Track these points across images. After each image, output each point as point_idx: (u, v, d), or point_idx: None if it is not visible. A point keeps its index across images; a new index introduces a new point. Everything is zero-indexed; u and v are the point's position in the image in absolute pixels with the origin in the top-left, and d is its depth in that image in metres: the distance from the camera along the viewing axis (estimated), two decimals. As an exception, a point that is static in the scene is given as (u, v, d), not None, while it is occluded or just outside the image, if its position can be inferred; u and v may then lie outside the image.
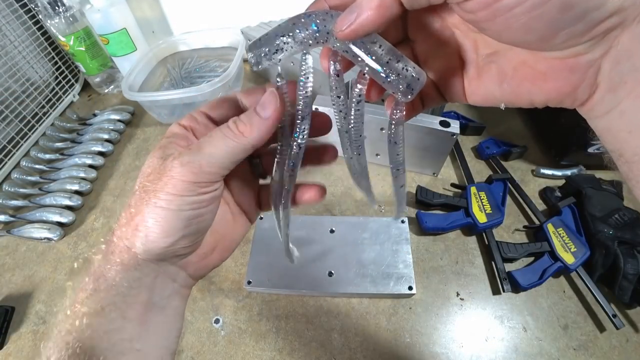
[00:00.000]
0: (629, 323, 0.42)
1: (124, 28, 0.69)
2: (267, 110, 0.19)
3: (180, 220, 0.18)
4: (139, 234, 0.18)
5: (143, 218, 0.18)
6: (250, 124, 0.19)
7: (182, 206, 0.18)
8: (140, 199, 0.18)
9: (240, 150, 0.19)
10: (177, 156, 0.18)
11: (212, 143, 0.18)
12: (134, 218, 0.18)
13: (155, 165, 0.19)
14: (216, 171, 0.18)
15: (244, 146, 0.19)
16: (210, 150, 0.18)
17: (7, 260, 0.50)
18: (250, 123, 0.19)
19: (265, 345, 0.41)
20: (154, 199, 0.18)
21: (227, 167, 0.19)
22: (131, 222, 0.18)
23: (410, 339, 0.41)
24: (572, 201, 0.50)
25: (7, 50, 0.62)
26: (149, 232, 0.18)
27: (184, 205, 0.18)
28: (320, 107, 0.53)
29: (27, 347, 0.42)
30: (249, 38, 0.73)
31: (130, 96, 0.61)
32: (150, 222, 0.18)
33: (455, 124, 0.49)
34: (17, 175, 0.58)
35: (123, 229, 0.19)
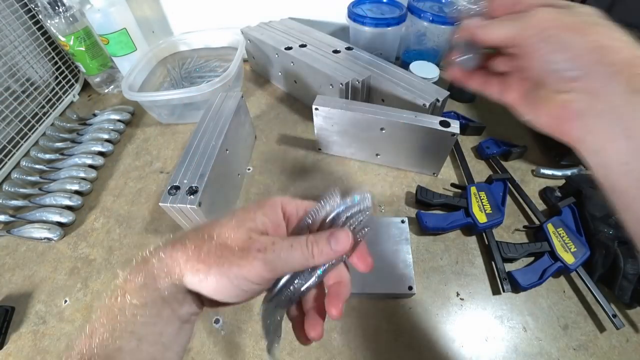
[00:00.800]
0: (629, 323, 0.42)
1: (124, 28, 0.69)
2: (339, 245, 0.22)
3: (235, 291, 0.21)
4: (196, 276, 0.20)
5: (208, 272, 0.20)
6: (322, 251, 0.22)
7: (241, 285, 0.21)
8: (214, 254, 0.21)
9: (304, 265, 0.22)
10: (263, 251, 0.21)
11: (290, 254, 0.21)
12: (199, 263, 0.20)
13: (241, 239, 0.21)
14: (281, 273, 0.22)
15: (308, 264, 0.22)
16: (287, 259, 0.21)
17: (7, 260, 0.50)
18: (322, 251, 0.22)
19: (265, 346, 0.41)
20: (227, 268, 0.20)
21: (289, 272, 0.23)
22: (194, 263, 0.21)
23: (410, 339, 0.41)
24: (572, 201, 0.50)
25: (7, 50, 0.62)
26: (204, 282, 0.20)
27: (244, 286, 0.21)
28: (320, 106, 0.53)
29: (27, 347, 0.42)
30: (249, 38, 0.73)
31: (130, 96, 0.61)
32: (210, 279, 0.20)
33: (455, 124, 0.49)
34: (17, 175, 0.58)
35: (183, 259, 0.21)
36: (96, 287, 0.47)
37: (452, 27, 0.67)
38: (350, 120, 0.54)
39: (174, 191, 0.43)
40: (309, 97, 0.62)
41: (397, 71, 0.61)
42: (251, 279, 0.20)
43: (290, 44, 0.68)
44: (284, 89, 0.77)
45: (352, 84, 0.58)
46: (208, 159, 0.46)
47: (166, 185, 0.43)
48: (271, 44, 0.68)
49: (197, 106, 0.68)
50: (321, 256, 0.22)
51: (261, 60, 0.76)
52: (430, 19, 0.66)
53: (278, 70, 0.72)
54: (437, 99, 0.54)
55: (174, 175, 0.44)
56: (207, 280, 0.20)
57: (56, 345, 0.42)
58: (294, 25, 0.75)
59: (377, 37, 0.69)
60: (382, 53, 0.71)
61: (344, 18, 0.70)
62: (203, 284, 0.20)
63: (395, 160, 0.59)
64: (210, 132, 0.50)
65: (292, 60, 0.66)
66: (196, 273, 0.20)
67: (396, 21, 0.66)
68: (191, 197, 0.42)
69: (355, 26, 0.68)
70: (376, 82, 0.60)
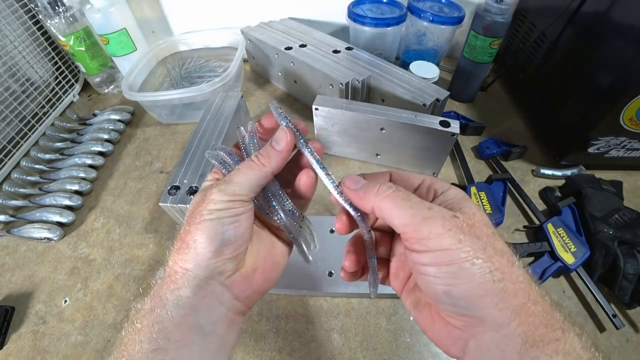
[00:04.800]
0: (629, 323, 0.42)
1: (124, 28, 0.69)
2: (281, 143, 0.24)
3: (221, 225, 0.21)
4: (190, 250, 0.21)
5: (191, 234, 0.21)
6: (268, 156, 0.24)
7: (221, 215, 0.21)
8: (187, 224, 0.22)
9: (262, 177, 0.23)
10: (215, 186, 0.23)
11: (240, 173, 0.23)
12: (184, 239, 0.22)
13: (198, 199, 0.23)
14: (245, 193, 0.23)
15: (265, 174, 0.23)
16: (239, 179, 0.23)
17: (7, 260, 0.50)
18: (268, 156, 0.24)
19: (265, 345, 0.41)
20: (199, 217, 0.21)
21: (253, 190, 0.23)
22: (182, 244, 0.22)
23: (410, 339, 0.41)
24: (572, 201, 0.50)
25: (7, 50, 0.62)
26: (197, 245, 0.21)
27: (223, 215, 0.22)
28: (320, 106, 0.53)
29: (27, 347, 0.42)
30: (249, 38, 0.73)
31: (130, 96, 0.61)
32: (197, 235, 0.21)
33: (455, 124, 0.49)
34: (17, 175, 0.58)
35: (176, 253, 0.22)
36: (96, 287, 0.47)
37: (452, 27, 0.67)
38: (350, 120, 0.54)
39: (174, 191, 0.43)
40: (309, 97, 0.62)
41: (397, 71, 0.61)
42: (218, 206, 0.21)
43: (290, 44, 0.68)
44: (284, 89, 0.77)
45: (352, 84, 0.58)
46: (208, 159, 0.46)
47: (166, 185, 0.43)
48: (271, 44, 0.68)
49: (197, 106, 0.68)
50: (270, 159, 0.23)
51: (261, 60, 0.76)
52: (430, 19, 0.66)
53: (278, 70, 0.72)
54: (437, 99, 0.54)
55: (174, 175, 0.44)
56: (197, 241, 0.21)
57: (56, 345, 0.42)
58: (294, 25, 0.75)
59: (377, 37, 0.69)
60: (382, 53, 0.71)
61: (344, 18, 0.70)
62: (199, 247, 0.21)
63: (396, 160, 0.59)
64: (210, 132, 0.50)
65: (292, 60, 0.66)
66: (188, 248, 0.21)
67: (396, 21, 0.66)
68: (191, 197, 0.42)
69: (355, 26, 0.68)
70: (376, 82, 0.60)
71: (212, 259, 0.21)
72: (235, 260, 0.22)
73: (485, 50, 0.63)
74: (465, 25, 0.67)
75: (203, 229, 0.21)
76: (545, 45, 0.61)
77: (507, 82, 0.75)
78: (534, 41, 0.63)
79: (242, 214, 0.22)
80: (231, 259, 0.22)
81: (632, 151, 0.54)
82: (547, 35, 0.60)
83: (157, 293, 0.21)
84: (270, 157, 0.23)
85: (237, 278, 0.23)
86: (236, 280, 0.23)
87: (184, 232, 0.22)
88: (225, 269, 0.22)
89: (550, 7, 0.60)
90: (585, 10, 0.52)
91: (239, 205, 0.22)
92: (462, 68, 0.68)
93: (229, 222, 0.22)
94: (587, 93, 0.51)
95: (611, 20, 0.48)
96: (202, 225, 0.21)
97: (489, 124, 0.65)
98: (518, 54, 0.67)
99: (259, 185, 0.23)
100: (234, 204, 0.22)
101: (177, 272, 0.21)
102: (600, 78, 0.49)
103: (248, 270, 0.23)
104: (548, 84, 0.61)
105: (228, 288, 0.22)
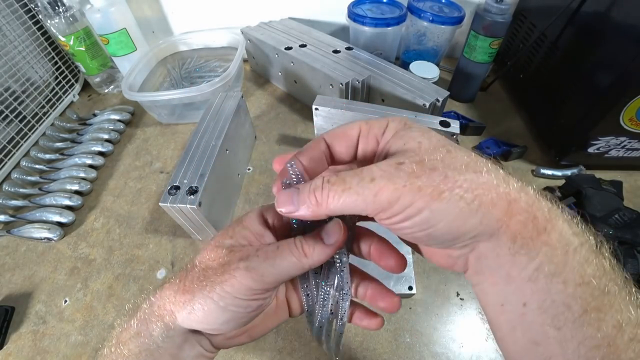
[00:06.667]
0: (629, 323, 0.42)
1: (124, 28, 0.69)
2: (331, 238, 0.21)
3: (225, 314, 0.20)
4: (184, 310, 0.20)
5: (192, 300, 0.19)
6: (314, 247, 0.20)
7: (230, 306, 0.19)
8: (197, 280, 0.20)
9: (299, 268, 0.20)
10: (245, 259, 0.20)
11: (278, 256, 0.20)
12: (184, 294, 0.20)
13: (221, 256, 0.20)
14: (273, 282, 0.20)
15: (303, 266, 0.20)
16: (275, 262, 0.20)
17: (7, 260, 0.50)
18: (314, 247, 0.20)
19: (265, 345, 0.41)
20: (209, 290, 0.19)
21: (283, 280, 0.21)
22: (179, 296, 0.20)
23: (410, 339, 0.41)
24: (572, 201, 0.50)
25: (7, 50, 0.62)
26: (192, 314, 0.19)
27: (233, 305, 0.19)
28: (320, 106, 0.53)
29: (27, 347, 0.42)
30: (249, 38, 0.73)
31: (130, 96, 0.61)
32: (196, 307, 0.19)
33: (455, 124, 0.49)
34: (17, 175, 0.58)
35: (171, 295, 0.20)
36: (96, 287, 0.47)
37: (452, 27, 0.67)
38: (350, 120, 0.54)
39: (174, 191, 0.43)
40: (309, 97, 0.62)
41: (397, 71, 0.61)
42: (237, 294, 0.19)
43: (290, 44, 0.68)
44: (284, 89, 0.77)
45: (352, 84, 0.58)
46: (208, 159, 0.46)
47: (166, 185, 0.43)
48: (271, 44, 0.68)
49: (197, 106, 0.68)
50: (314, 252, 0.20)
51: (261, 60, 0.76)
52: (430, 19, 0.66)
53: (278, 70, 0.72)
54: (437, 99, 0.54)
55: (174, 175, 0.44)
56: (195, 310, 0.19)
57: (56, 345, 0.42)
58: (294, 25, 0.75)
59: (377, 37, 0.69)
60: (382, 53, 0.71)
61: (344, 18, 0.70)
62: (192, 316, 0.19)
63: (395, 160, 0.58)
64: (210, 132, 0.50)
65: (292, 60, 0.66)
66: (183, 306, 0.19)
67: (396, 21, 0.66)
68: (191, 197, 0.42)
69: (355, 26, 0.68)
70: (376, 82, 0.60)
71: (202, 329, 0.21)
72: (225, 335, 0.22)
73: (485, 50, 0.63)
74: (465, 25, 0.67)
75: (205, 307, 0.19)
76: (545, 45, 0.61)
77: (507, 82, 0.75)
78: (534, 41, 0.63)
79: (255, 309, 0.20)
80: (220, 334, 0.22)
81: (632, 151, 0.54)
82: (547, 35, 0.60)
83: (145, 320, 0.20)
84: (315, 249, 0.20)
85: (220, 337, 0.22)
86: (219, 337, 0.22)
87: (187, 286, 0.20)
88: (213, 334, 0.22)
89: (550, 7, 0.60)
90: (585, 10, 0.52)
91: (259, 293, 0.20)
92: (462, 68, 0.68)
93: (237, 317, 0.20)
94: (587, 93, 0.51)
95: (611, 19, 0.48)
96: (205, 303, 0.19)
97: (489, 124, 0.65)
98: (518, 54, 0.67)
99: (290, 276, 0.21)
100: (254, 293, 0.19)
101: (165, 312, 0.20)
102: (600, 78, 0.49)
103: (235, 333, 0.23)
104: (548, 84, 0.61)
105: (209, 338, 0.22)
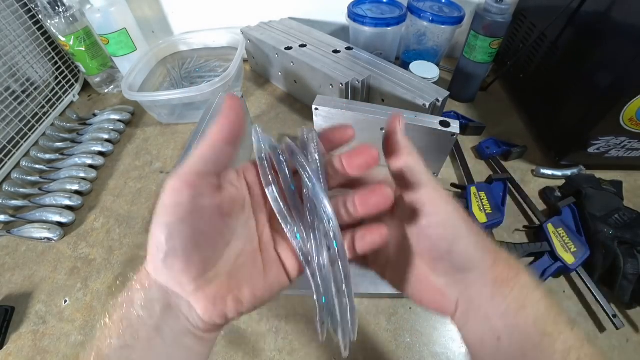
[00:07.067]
0: (629, 323, 0.42)
1: (124, 28, 0.69)
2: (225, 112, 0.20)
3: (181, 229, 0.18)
4: (150, 252, 0.19)
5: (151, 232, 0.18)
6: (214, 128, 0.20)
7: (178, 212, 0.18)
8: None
9: (210, 150, 0.19)
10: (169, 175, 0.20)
11: (192, 154, 0.19)
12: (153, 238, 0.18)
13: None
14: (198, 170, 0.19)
15: (212, 145, 0.19)
16: (190, 160, 0.19)
17: (7, 260, 0.50)
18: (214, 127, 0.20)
19: (265, 345, 0.41)
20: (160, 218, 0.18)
21: (209, 171, 0.19)
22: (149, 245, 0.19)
23: (410, 339, 0.41)
24: (572, 201, 0.50)
25: (7, 50, 0.62)
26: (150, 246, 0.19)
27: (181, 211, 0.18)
28: (320, 106, 0.53)
29: (27, 347, 0.42)
30: (249, 38, 0.73)
31: (130, 96, 0.61)
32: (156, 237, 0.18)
33: (455, 124, 0.49)
34: (17, 175, 0.58)
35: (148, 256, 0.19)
36: (96, 287, 0.47)
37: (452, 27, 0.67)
38: (350, 120, 0.54)
39: (174, 191, 0.43)
40: (309, 97, 0.62)
41: (397, 71, 0.61)
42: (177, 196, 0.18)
43: (290, 44, 0.68)
44: (284, 89, 0.77)
45: (352, 84, 0.58)
46: (208, 159, 0.46)
47: (166, 185, 0.43)
48: (271, 44, 0.68)
49: (197, 106, 0.68)
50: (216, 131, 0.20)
51: (261, 60, 0.76)
52: (430, 19, 0.66)
53: (278, 70, 0.72)
54: (437, 99, 0.54)
55: (174, 175, 0.44)
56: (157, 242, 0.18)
57: (56, 345, 0.42)
58: (294, 25, 0.75)
59: (377, 37, 0.69)
60: (382, 53, 0.71)
61: (344, 18, 0.70)
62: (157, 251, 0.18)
63: (395, 160, 0.58)
64: (210, 132, 0.50)
65: (292, 60, 0.66)
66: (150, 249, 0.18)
67: (396, 21, 0.66)
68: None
69: (355, 26, 0.68)
70: (376, 82, 0.60)
71: (164, 268, 0.18)
72: (193, 270, 0.19)
73: (485, 50, 0.63)
74: (465, 25, 0.67)
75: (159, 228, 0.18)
76: (545, 45, 0.61)
77: (507, 82, 0.75)
78: (534, 41, 0.63)
79: (211, 211, 0.19)
80: (187, 268, 0.18)
81: (632, 151, 0.54)
82: (547, 35, 0.60)
83: (128, 289, 0.19)
84: (216, 127, 0.20)
85: (200, 297, 0.19)
86: (200, 299, 0.19)
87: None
88: (182, 280, 0.19)
89: (550, 7, 0.60)
90: (585, 10, 0.52)
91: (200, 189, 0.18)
92: (462, 68, 0.68)
93: (196, 225, 0.18)
94: (587, 93, 0.51)
95: (611, 20, 0.48)
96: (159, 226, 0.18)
97: (489, 124, 0.65)
98: (518, 54, 0.67)
99: (215, 162, 0.19)
100: (194, 188, 0.18)
101: (142, 273, 0.19)
102: (600, 78, 0.49)
103: (215, 291, 0.19)
104: (548, 84, 0.61)
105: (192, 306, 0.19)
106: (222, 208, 0.19)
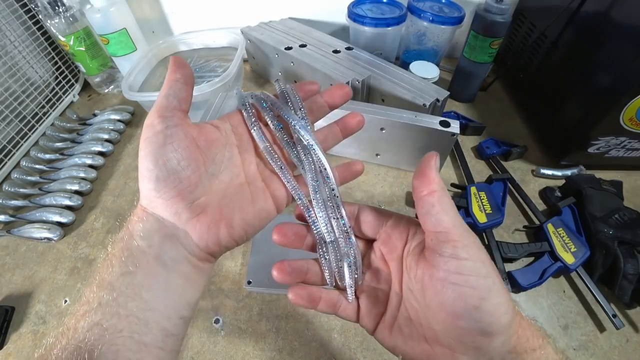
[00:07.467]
0: (629, 323, 0.42)
1: (124, 28, 0.69)
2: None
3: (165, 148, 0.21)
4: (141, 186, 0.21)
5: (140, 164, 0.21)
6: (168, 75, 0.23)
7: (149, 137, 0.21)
8: None
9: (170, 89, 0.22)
10: None
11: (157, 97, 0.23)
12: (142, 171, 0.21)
13: None
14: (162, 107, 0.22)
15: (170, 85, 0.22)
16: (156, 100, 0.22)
17: (7, 260, 0.50)
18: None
19: (265, 345, 0.41)
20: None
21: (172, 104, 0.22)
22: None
23: (410, 339, 0.41)
24: (572, 201, 0.50)
25: (7, 50, 0.62)
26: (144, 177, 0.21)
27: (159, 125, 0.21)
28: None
29: (27, 347, 0.42)
30: (249, 38, 0.73)
31: (130, 96, 0.61)
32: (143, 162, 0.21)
33: (455, 124, 0.49)
34: (17, 175, 0.58)
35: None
36: (96, 287, 0.47)
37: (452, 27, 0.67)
38: (350, 120, 0.54)
39: (174, 191, 0.43)
40: (309, 97, 0.62)
41: (397, 71, 0.61)
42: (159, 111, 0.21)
43: (290, 44, 0.68)
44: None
45: (352, 84, 0.58)
46: (208, 159, 0.46)
47: (166, 185, 0.43)
48: (271, 44, 0.68)
49: (197, 106, 0.67)
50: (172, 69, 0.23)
51: (261, 60, 0.76)
52: (430, 19, 0.66)
53: (278, 70, 0.72)
54: (437, 99, 0.54)
55: (174, 175, 0.44)
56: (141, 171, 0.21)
57: (56, 345, 0.42)
58: (294, 25, 0.75)
59: (377, 37, 0.69)
60: (382, 53, 0.71)
61: (344, 18, 0.70)
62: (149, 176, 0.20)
63: (395, 161, 0.59)
64: (210, 132, 0.50)
65: (292, 60, 0.66)
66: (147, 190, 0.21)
67: (396, 21, 0.66)
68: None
69: (355, 26, 0.68)
70: (376, 82, 0.60)
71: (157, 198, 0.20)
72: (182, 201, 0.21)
73: (485, 50, 0.63)
74: (465, 25, 0.67)
75: (141, 158, 0.21)
76: (545, 45, 0.61)
77: (507, 82, 0.75)
78: (534, 41, 0.63)
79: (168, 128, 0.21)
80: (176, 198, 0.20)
81: (632, 151, 0.54)
82: (547, 35, 0.60)
83: (127, 223, 0.21)
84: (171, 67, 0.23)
85: (194, 224, 0.21)
86: (194, 225, 0.21)
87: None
88: (177, 210, 0.21)
89: (550, 7, 0.60)
90: (585, 10, 0.52)
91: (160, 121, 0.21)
92: (462, 68, 0.68)
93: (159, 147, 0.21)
94: (587, 93, 0.51)
95: (611, 20, 0.48)
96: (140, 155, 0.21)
97: (489, 124, 0.65)
98: (518, 54, 0.67)
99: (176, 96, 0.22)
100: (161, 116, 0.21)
101: (138, 207, 0.21)
102: (600, 78, 0.49)
103: (208, 218, 0.21)
104: (548, 84, 0.61)
105: (188, 235, 0.21)
106: (199, 140, 0.22)
